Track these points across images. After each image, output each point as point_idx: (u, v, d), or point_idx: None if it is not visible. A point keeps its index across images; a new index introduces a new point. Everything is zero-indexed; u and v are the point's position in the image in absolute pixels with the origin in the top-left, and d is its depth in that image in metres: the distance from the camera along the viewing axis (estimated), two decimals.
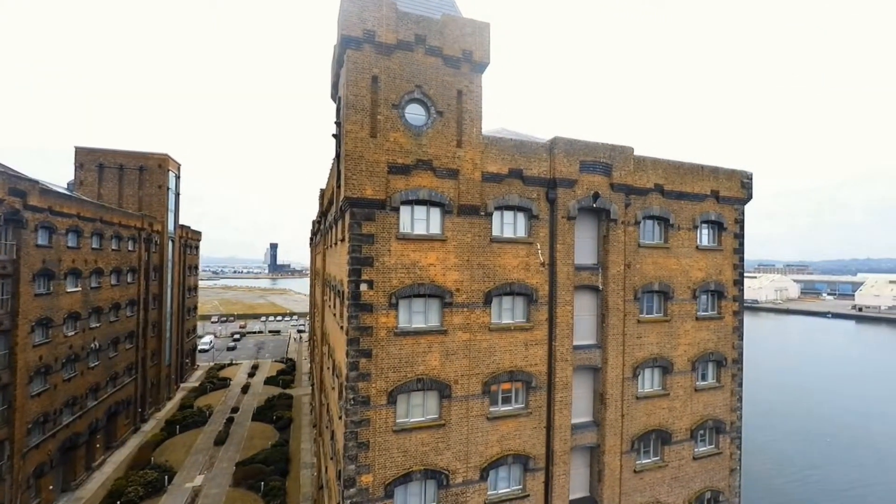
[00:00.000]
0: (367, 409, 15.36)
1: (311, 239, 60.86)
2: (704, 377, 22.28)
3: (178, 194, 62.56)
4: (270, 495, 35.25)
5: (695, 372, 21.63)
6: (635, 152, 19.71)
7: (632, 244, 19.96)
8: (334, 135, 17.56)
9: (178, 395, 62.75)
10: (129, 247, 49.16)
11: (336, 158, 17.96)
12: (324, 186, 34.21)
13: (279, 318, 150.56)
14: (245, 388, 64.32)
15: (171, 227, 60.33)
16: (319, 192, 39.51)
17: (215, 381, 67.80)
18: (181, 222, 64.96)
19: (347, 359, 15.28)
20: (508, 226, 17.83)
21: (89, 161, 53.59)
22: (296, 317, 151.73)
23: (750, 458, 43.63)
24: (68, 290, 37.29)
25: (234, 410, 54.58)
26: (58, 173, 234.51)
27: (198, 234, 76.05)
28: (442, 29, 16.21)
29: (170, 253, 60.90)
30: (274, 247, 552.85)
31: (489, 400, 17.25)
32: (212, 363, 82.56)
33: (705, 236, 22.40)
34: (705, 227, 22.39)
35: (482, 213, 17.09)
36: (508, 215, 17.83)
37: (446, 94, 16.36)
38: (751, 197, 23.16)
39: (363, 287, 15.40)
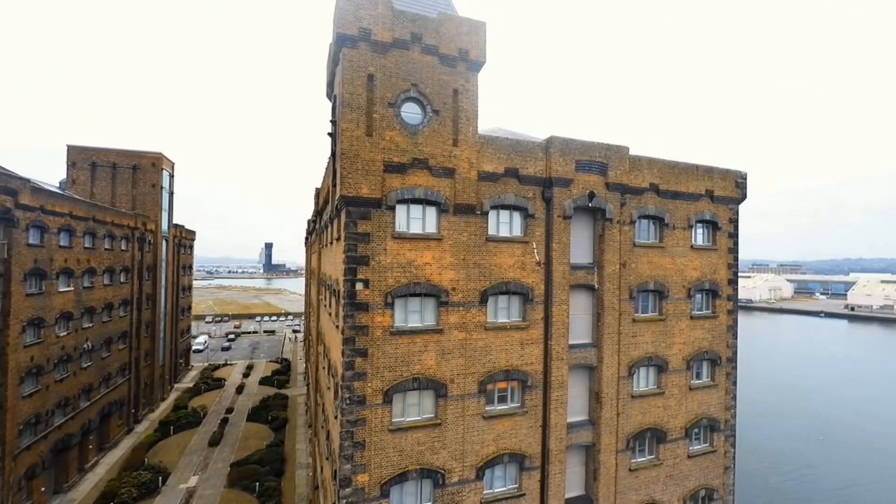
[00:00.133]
0: (362, 408, 15.32)
1: (307, 238, 60.63)
2: (699, 376, 22.44)
3: (172, 193, 62.13)
4: (265, 496, 35.07)
5: (689, 371, 21.76)
6: (631, 152, 19.78)
7: (627, 243, 20.03)
8: (330, 133, 17.49)
9: (172, 396, 62.33)
10: (123, 246, 48.72)
11: (332, 157, 17.89)
12: (319, 185, 34.08)
13: (274, 318, 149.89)
14: (240, 389, 63.95)
15: (164, 226, 59.86)
16: (315, 191, 39.36)
17: (210, 381, 67.35)
18: (176, 221, 64.57)
19: (343, 358, 15.23)
20: (504, 225, 17.83)
21: (82, 160, 53.05)
22: (291, 317, 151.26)
23: (745, 457, 43.93)
24: (60, 289, 36.91)
25: (229, 411, 54.28)
26: (58, 173, 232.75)
27: (192, 233, 75.57)
28: (438, 27, 16.18)
29: (164, 252, 60.40)
30: (269, 247, 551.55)
31: (485, 399, 17.26)
32: (206, 363, 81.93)
33: (700, 236, 22.54)
34: (700, 226, 22.53)
35: (478, 213, 17.07)
36: (504, 214, 17.83)
37: (442, 93, 16.33)
38: (745, 197, 23.32)
39: (359, 286, 15.36)
